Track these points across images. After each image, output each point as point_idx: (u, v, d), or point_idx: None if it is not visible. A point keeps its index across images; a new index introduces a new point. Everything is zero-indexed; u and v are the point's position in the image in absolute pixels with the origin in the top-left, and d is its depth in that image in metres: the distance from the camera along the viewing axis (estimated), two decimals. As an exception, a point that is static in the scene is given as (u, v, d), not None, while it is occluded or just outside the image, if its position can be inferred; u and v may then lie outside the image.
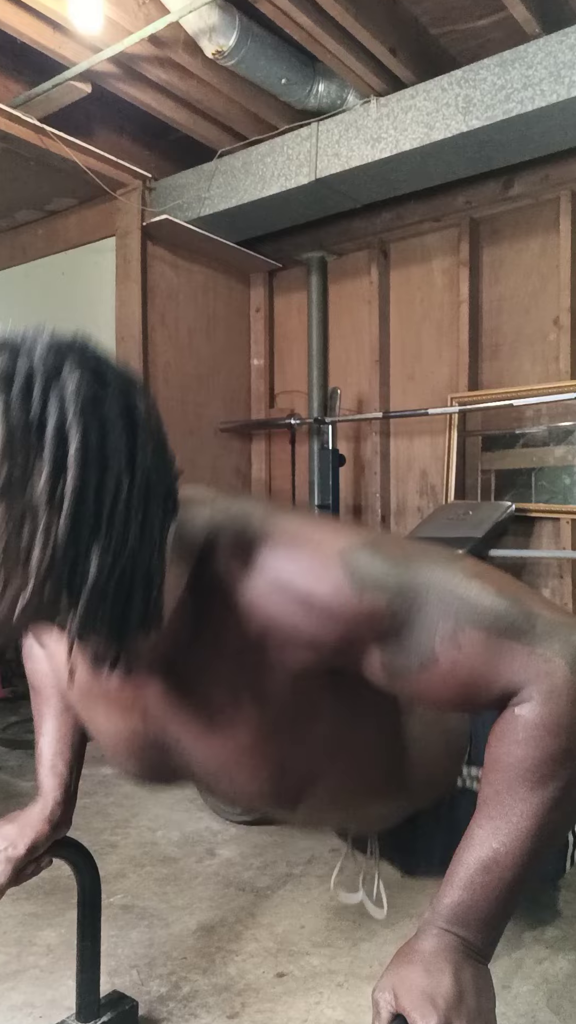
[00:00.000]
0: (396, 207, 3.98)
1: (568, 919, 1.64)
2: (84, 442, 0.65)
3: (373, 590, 0.73)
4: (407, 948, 0.76)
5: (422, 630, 0.74)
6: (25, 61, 3.21)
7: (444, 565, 0.77)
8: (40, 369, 0.66)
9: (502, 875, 0.75)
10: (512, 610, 0.75)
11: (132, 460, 0.68)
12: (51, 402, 0.65)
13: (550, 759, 0.74)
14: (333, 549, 0.75)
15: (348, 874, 1.35)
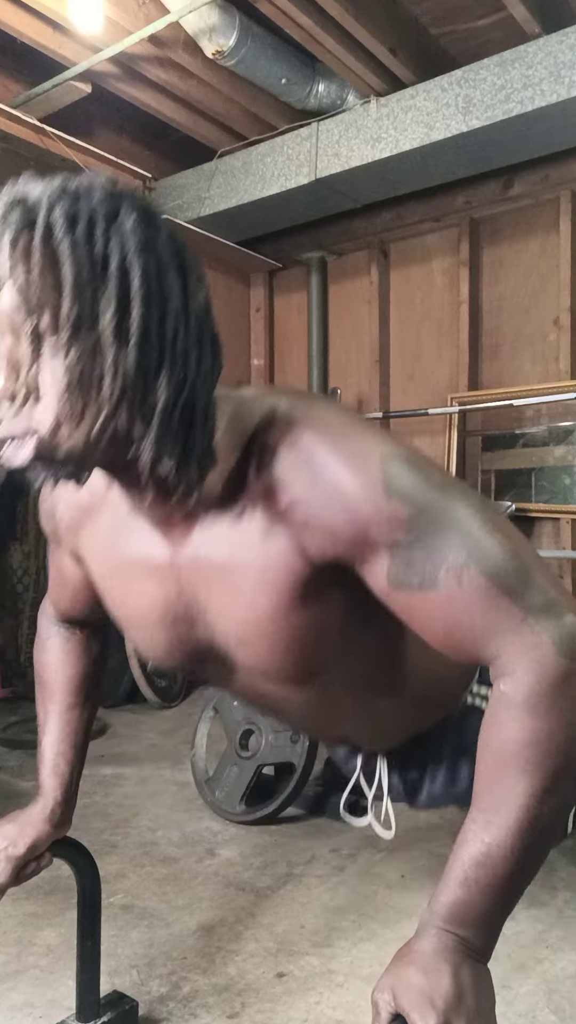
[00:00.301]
0: (396, 207, 3.98)
1: (568, 919, 1.64)
2: (145, 278, 0.69)
3: (401, 499, 0.76)
4: (406, 949, 0.76)
5: (433, 552, 0.76)
6: (25, 61, 3.21)
7: (475, 506, 0.79)
8: (100, 211, 0.70)
9: (496, 871, 0.75)
10: (520, 572, 0.76)
11: (186, 299, 0.73)
12: (112, 241, 0.69)
13: (534, 743, 0.74)
14: (376, 451, 0.78)
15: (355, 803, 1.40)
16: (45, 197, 0.70)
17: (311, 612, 0.86)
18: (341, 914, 1.67)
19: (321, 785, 2.32)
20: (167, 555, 0.90)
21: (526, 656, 0.75)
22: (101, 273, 0.69)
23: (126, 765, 2.65)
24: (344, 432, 0.81)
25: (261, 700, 1.07)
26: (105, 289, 0.69)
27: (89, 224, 0.69)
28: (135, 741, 2.92)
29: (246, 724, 2.26)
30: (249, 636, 0.89)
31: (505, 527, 0.80)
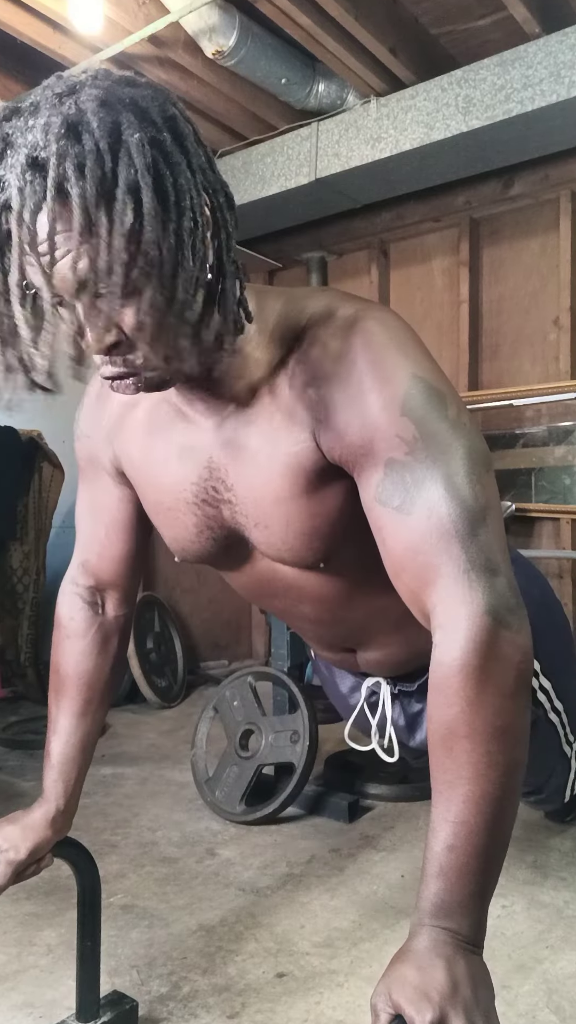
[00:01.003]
0: (396, 207, 3.98)
1: (568, 919, 1.64)
2: (166, 204, 0.71)
3: (412, 419, 0.82)
4: (400, 952, 0.77)
5: (419, 481, 0.82)
6: (25, 61, 3.21)
7: (471, 452, 0.84)
8: (103, 137, 0.68)
9: (466, 848, 0.76)
10: (476, 526, 0.81)
11: (199, 185, 0.75)
12: (120, 166, 0.68)
13: (472, 710, 0.77)
14: (408, 370, 0.84)
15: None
16: (53, 155, 0.67)
17: (321, 499, 0.94)
18: (341, 914, 1.67)
19: (321, 785, 2.32)
20: (203, 439, 0.97)
21: (460, 610, 0.80)
22: (133, 217, 0.69)
23: (126, 765, 2.65)
24: (389, 344, 0.86)
25: (275, 595, 1.13)
26: (141, 228, 0.70)
27: (102, 171, 0.68)
28: (135, 741, 2.92)
29: (246, 724, 2.26)
30: (265, 517, 0.96)
31: (486, 482, 0.84)
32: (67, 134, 0.67)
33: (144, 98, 0.73)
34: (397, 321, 0.93)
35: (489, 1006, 0.73)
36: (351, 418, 0.86)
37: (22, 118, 0.70)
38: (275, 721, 2.24)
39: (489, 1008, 0.73)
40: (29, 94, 0.74)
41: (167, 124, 0.73)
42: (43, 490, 3.54)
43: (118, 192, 0.68)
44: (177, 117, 0.75)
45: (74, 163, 0.67)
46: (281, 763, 2.19)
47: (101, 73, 0.75)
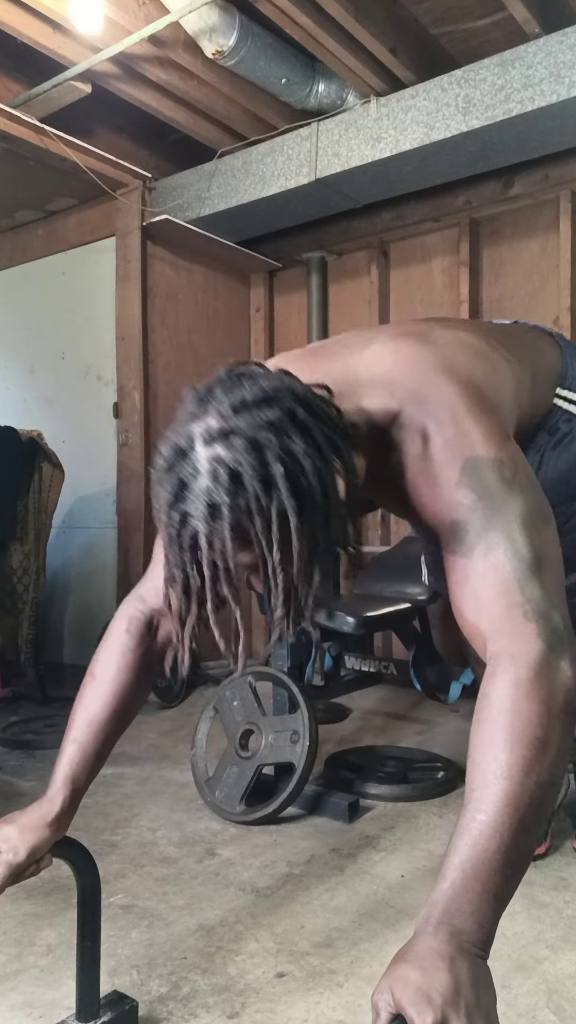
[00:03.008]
0: (396, 207, 3.98)
1: (568, 919, 1.64)
2: (300, 523, 0.88)
3: (468, 488, 0.96)
4: (403, 949, 0.76)
5: (478, 533, 0.94)
6: (25, 61, 3.21)
7: (525, 507, 0.95)
8: (251, 473, 0.86)
9: (488, 847, 0.77)
10: (533, 568, 0.91)
11: (329, 504, 0.91)
12: (272, 501, 0.86)
13: (514, 717, 0.83)
14: (465, 453, 0.98)
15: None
16: (225, 506, 0.86)
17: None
18: (341, 914, 1.67)
19: (321, 785, 2.32)
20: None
21: (513, 640, 0.87)
22: (279, 520, 0.87)
23: (126, 765, 2.65)
24: (446, 433, 1.00)
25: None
26: (273, 528, 0.87)
27: (262, 509, 0.86)
28: (135, 741, 2.92)
29: (246, 724, 2.26)
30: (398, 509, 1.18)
31: (543, 531, 0.95)
32: (231, 483, 0.85)
33: (276, 419, 0.88)
34: (449, 385, 1.03)
35: (490, 1010, 0.73)
36: (427, 494, 1.02)
37: (187, 461, 0.88)
38: (275, 721, 2.24)
39: (491, 1011, 0.73)
40: (182, 428, 0.91)
41: (297, 431, 0.89)
42: (43, 490, 3.54)
43: (274, 521, 0.87)
44: (299, 417, 0.90)
45: (243, 508, 0.86)
46: (281, 763, 2.19)
47: (233, 396, 0.90)
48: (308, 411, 0.92)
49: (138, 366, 3.87)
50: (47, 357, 4.29)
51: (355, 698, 3.38)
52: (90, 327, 4.09)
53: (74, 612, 4.08)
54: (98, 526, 4.01)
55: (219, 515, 0.86)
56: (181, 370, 4.10)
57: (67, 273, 4.22)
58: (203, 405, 0.91)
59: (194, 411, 0.92)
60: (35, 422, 3.82)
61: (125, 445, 3.90)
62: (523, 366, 1.26)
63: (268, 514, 0.86)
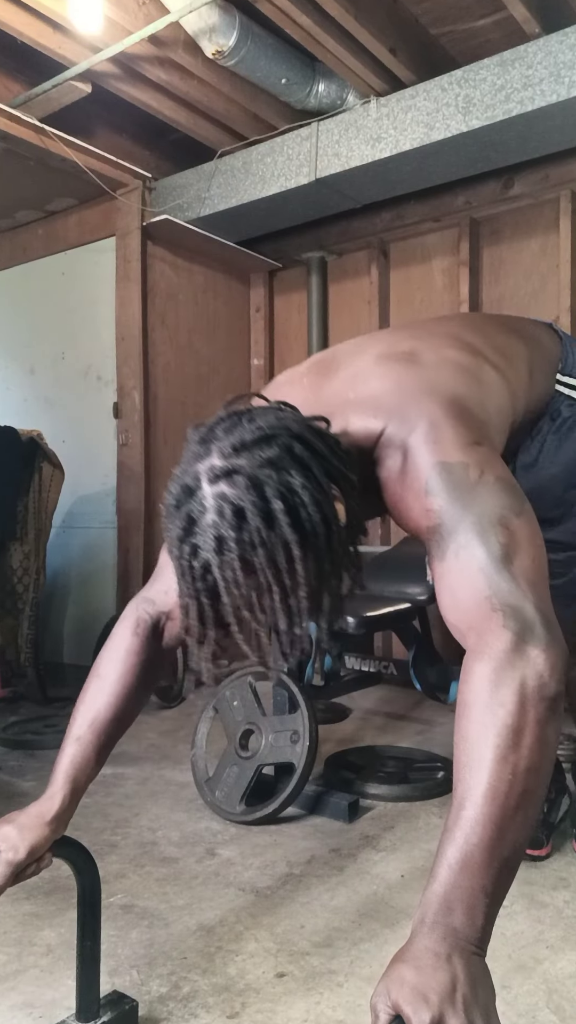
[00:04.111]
0: (396, 207, 3.98)
1: (568, 919, 1.64)
2: (303, 552, 0.94)
3: (434, 494, 1.00)
4: (400, 951, 0.77)
5: (450, 534, 0.97)
6: (25, 61, 3.21)
7: (495, 503, 0.98)
8: (253, 509, 0.92)
9: (479, 843, 0.77)
10: (502, 561, 0.93)
11: (331, 532, 0.97)
12: (274, 533, 0.92)
13: (492, 709, 0.84)
14: (431, 460, 1.02)
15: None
16: (232, 540, 0.92)
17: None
18: (341, 914, 1.67)
19: (321, 785, 2.32)
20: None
21: (485, 634, 0.89)
22: (284, 551, 0.94)
23: (126, 765, 2.65)
24: (420, 449, 1.04)
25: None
26: (290, 558, 0.94)
27: (264, 542, 0.92)
28: (135, 741, 2.92)
29: (246, 724, 2.26)
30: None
31: (513, 525, 0.96)
32: (235, 519, 0.91)
33: (275, 457, 0.94)
34: (429, 402, 1.08)
35: (489, 1006, 0.73)
36: (405, 511, 1.08)
37: (195, 499, 0.94)
38: (275, 721, 2.24)
39: (489, 1009, 0.73)
40: (188, 468, 0.97)
41: (295, 466, 0.95)
42: (43, 490, 3.54)
43: (279, 552, 0.93)
44: (296, 452, 0.96)
45: (247, 541, 0.92)
46: (281, 763, 2.19)
47: (234, 437, 0.96)
48: (305, 446, 0.98)
49: (138, 366, 3.87)
50: (47, 357, 4.29)
51: (355, 698, 3.37)
52: (90, 327, 4.09)
53: (74, 612, 4.08)
54: (98, 526, 4.01)
55: (227, 548, 0.92)
56: (181, 370, 4.10)
57: (67, 273, 4.22)
58: (206, 445, 0.97)
59: (198, 451, 0.98)
60: (35, 422, 3.82)
61: (125, 445, 3.90)
62: (517, 363, 1.28)
63: (271, 546, 0.92)
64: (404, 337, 1.27)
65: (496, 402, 1.18)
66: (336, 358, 1.27)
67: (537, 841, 1.88)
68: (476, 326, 1.39)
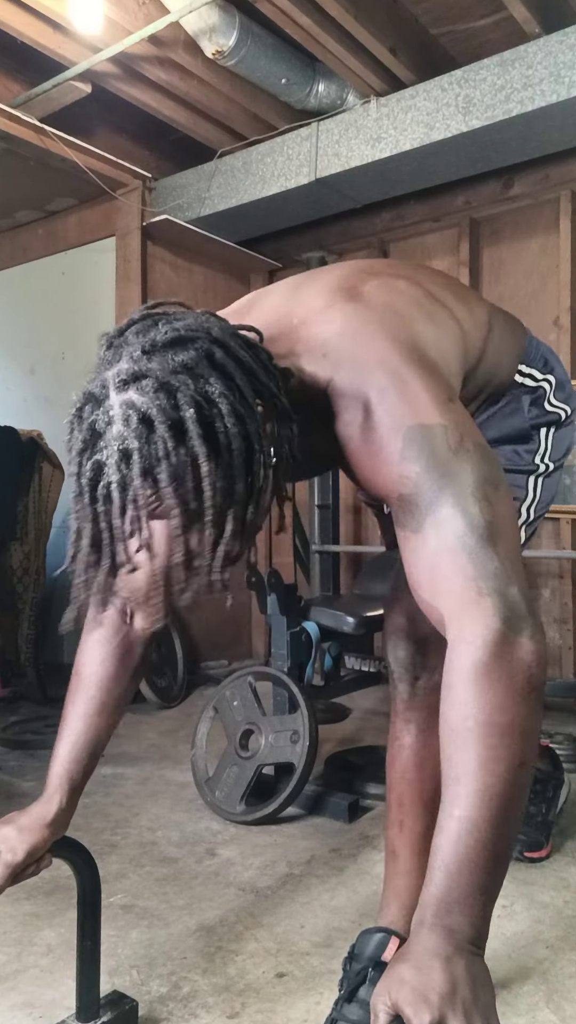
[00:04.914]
0: (396, 207, 3.98)
1: (568, 919, 1.64)
2: (211, 462, 0.85)
3: (411, 459, 0.90)
4: (400, 951, 0.77)
5: (427, 505, 0.89)
6: (25, 61, 3.21)
7: (475, 475, 0.90)
8: (161, 417, 0.83)
9: (471, 843, 0.76)
10: (485, 539, 0.86)
11: (251, 450, 0.88)
12: (182, 445, 0.83)
13: (479, 706, 0.80)
14: (405, 421, 0.92)
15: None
16: (136, 451, 0.83)
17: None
18: (341, 914, 1.67)
19: (321, 785, 2.32)
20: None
21: (471, 616, 0.83)
22: (191, 466, 0.85)
23: (126, 765, 2.65)
24: (384, 398, 0.94)
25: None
26: (189, 489, 0.85)
27: (174, 453, 0.83)
28: (135, 741, 2.92)
29: (246, 724, 2.26)
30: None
31: (493, 499, 0.89)
32: (140, 427, 0.83)
33: (191, 360, 0.86)
34: (385, 345, 0.97)
35: (489, 1007, 0.73)
36: (371, 475, 0.97)
37: (101, 408, 0.86)
38: (275, 721, 2.24)
39: (489, 1009, 0.73)
40: (95, 376, 0.89)
41: (215, 372, 0.86)
42: (43, 490, 3.54)
43: (186, 466, 0.84)
44: (216, 358, 0.87)
45: (153, 454, 0.83)
46: (281, 763, 2.19)
47: (145, 338, 0.88)
48: (227, 352, 0.88)
49: (138, 366, 3.87)
50: (47, 357, 4.29)
51: (355, 698, 3.37)
52: (90, 327, 4.09)
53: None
54: (98, 526, 4.01)
55: (131, 462, 0.83)
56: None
57: (67, 273, 4.22)
58: (116, 350, 0.89)
59: (107, 356, 0.89)
60: (35, 422, 3.82)
61: (125, 445, 3.90)
62: (477, 312, 1.20)
63: (178, 459, 0.83)
64: (350, 271, 1.14)
65: (451, 340, 1.08)
66: (277, 289, 1.18)
67: (537, 843, 1.89)
68: (432, 270, 1.30)
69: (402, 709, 1.35)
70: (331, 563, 3.88)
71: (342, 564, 4.05)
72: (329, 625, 2.46)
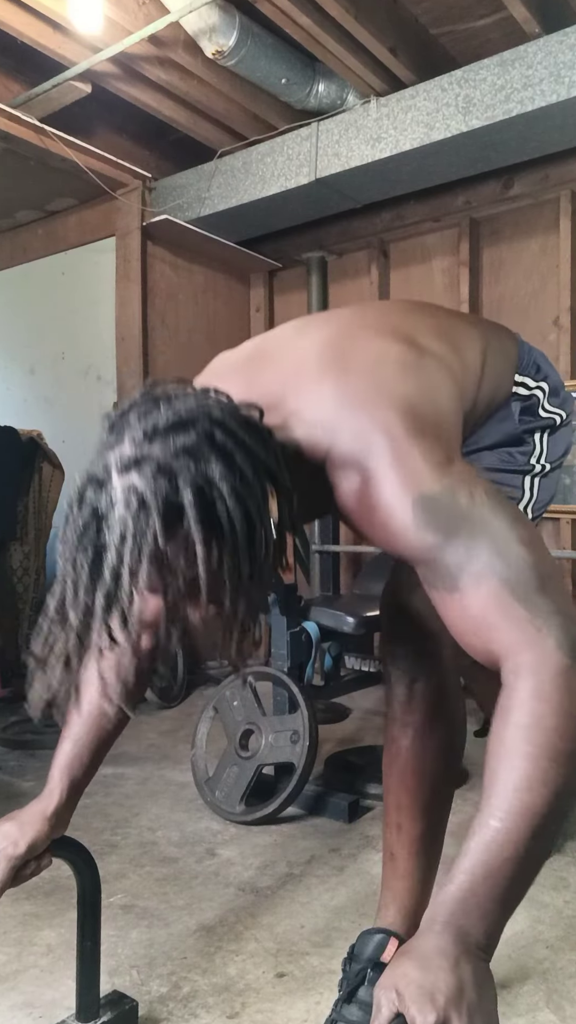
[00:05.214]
0: (396, 207, 3.98)
1: (568, 919, 1.64)
2: (208, 552, 0.84)
3: (432, 531, 0.90)
4: (407, 946, 0.76)
5: (458, 564, 0.89)
6: (25, 61, 3.21)
7: (501, 521, 0.90)
8: (158, 502, 0.83)
9: (501, 853, 0.76)
10: (533, 582, 0.86)
11: (252, 530, 0.88)
12: (180, 529, 0.83)
13: (536, 728, 0.80)
14: (416, 489, 0.91)
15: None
16: (131, 532, 0.83)
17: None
18: (341, 914, 1.67)
19: (321, 785, 2.32)
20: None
21: (531, 654, 0.83)
22: (181, 563, 0.85)
23: (126, 765, 2.65)
24: (387, 471, 0.93)
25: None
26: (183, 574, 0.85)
27: (156, 516, 0.83)
28: (135, 741, 2.92)
29: (246, 724, 2.26)
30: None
31: (525, 539, 0.90)
32: (140, 511, 0.83)
33: (191, 444, 0.85)
34: (380, 412, 0.96)
35: (492, 1012, 0.73)
36: (385, 542, 0.97)
37: (104, 491, 0.86)
38: (275, 721, 2.24)
39: (491, 1014, 0.73)
40: (98, 458, 0.88)
41: (216, 455, 0.86)
42: (43, 490, 3.54)
43: (181, 553, 0.84)
44: (217, 440, 0.87)
45: (149, 536, 0.83)
46: (281, 763, 2.19)
47: (147, 422, 0.87)
48: (227, 434, 0.88)
49: (138, 366, 3.87)
50: (47, 357, 4.29)
51: (355, 698, 3.37)
52: (90, 327, 4.09)
53: (74, 612, 4.07)
54: (98, 526, 4.01)
55: (131, 545, 0.83)
56: (181, 370, 4.06)
57: (67, 273, 4.22)
58: (118, 433, 0.89)
59: (109, 440, 0.90)
60: (35, 422, 3.82)
61: (125, 445, 3.90)
62: (466, 349, 1.19)
63: (175, 543, 0.84)
64: (339, 332, 1.13)
65: (445, 395, 1.08)
66: (275, 346, 1.17)
67: None
68: (422, 311, 1.29)
69: (400, 713, 1.35)
70: (331, 563, 3.88)
71: (342, 564, 4.05)
72: (329, 625, 2.46)
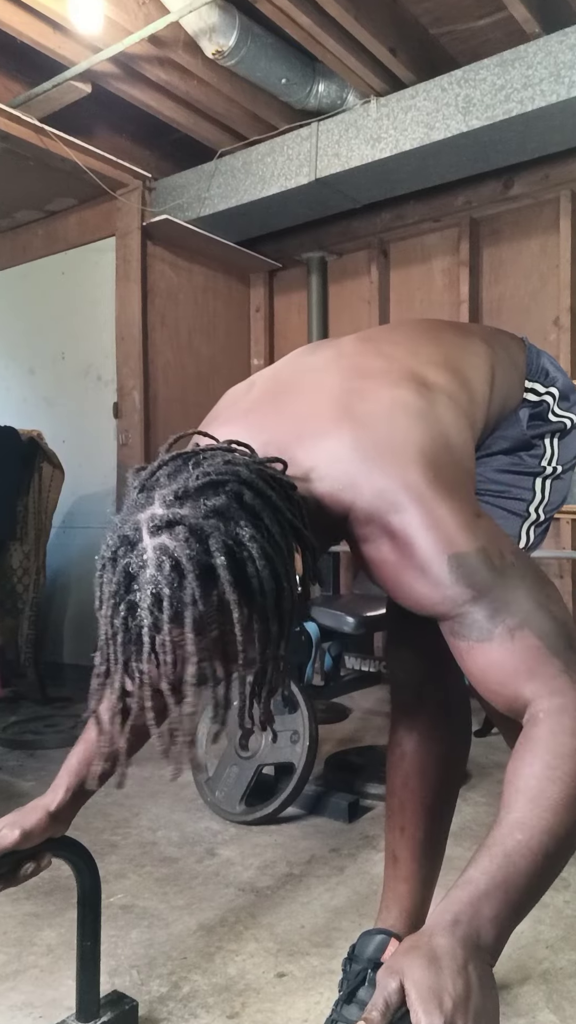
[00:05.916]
0: (396, 207, 3.99)
1: (568, 919, 1.64)
2: (243, 613, 0.85)
3: (466, 586, 0.91)
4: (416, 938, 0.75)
5: (491, 617, 0.90)
6: (25, 61, 3.21)
7: (529, 585, 0.93)
8: (192, 565, 0.83)
9: (520, 867, 0.77)
10: (563, 637, 0.90)
11: (280, 590, 0.89)
12: (214, 592, 0.83)
13: (565, 756, 0.82)
14: (448, 549, 0.92)
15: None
16: (166, 597, 0.83)
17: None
18: (341, 914, 1.67)
19: (321, 785, 2.32)
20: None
21: (564, 698, 0.86)
22: (215, 624, 0.85)
23: (126, 765, 2.65)
24: (416, 531, 0.94)
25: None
26: (219, 634, 0.86)
27: (203, 604, 0.83)
28: (135, 741, 2.92)
29: (246, 724, 2.25)
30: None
31: (555, 599, 0.94)
32: (172, 573, 0.83)
33: (222, 506, 0.87)
34: (399, 469, 0.97)
35: (495, 1017, 0.73)
36: (414, 602, 0.98)
37: (135, 552, 0.86)
38: (275, 721, 2.24)
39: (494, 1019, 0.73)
40: (128, 517, 0.89)
41: (245, 516, 0.87)
42: (43, 490, 3.54)
43: (218, 613, 0.85)
44: (246, 501, 0.88)
45: (186, 601, 0.83)
46: (281, 763, 2.19)
47: (177, 483, 0.88)
48: (256, 493, 0.89)
49: (138, 366, 3.87)
50: (47, 357, 4.29)
51: (355, 698, 3.37)
52: (90, 327, 4.09)
53: (74, 612, 4.08)
54: (98, 526, 4.01)
55: (163, 606, 0.83)
56: (181, 370, 4.10)
57: (67, 273, 4.22)
58: (148, 493, 0.90)
59: (139, 499, 0.90)
60: (35, 422, 3.82)
61: (125, 445, 3.91)
62: (473, 371, 1.19)
63: (207, 605, 0.84)
64: (350, 372, 1.12)
65: (456, 432, 1.08)
66: (285, 387, 1.16)
67: None
68: (428, 338, 1.28)
69: (405, 716, 1.35)
70: (331, 563, 3.88)
71: (342, 564, 4.05)
72: (329, 625, 2.46)
